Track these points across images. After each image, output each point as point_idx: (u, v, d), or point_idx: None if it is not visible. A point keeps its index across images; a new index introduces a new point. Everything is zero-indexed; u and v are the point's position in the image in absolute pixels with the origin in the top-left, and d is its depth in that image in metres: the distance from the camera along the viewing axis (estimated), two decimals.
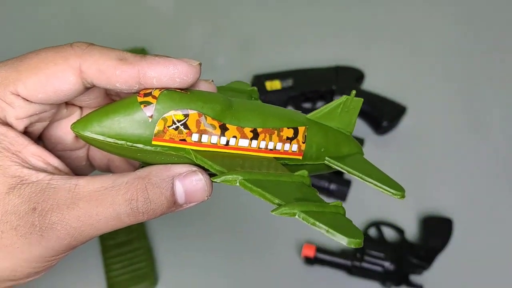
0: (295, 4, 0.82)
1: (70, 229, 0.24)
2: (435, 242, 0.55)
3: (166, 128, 0.24)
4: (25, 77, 0.24)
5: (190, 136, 0.25)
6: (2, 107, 0.25)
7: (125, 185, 0.24)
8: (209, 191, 0.26)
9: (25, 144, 0.25)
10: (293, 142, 0.28)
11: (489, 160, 0.65)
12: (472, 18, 0.81)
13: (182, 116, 0.24)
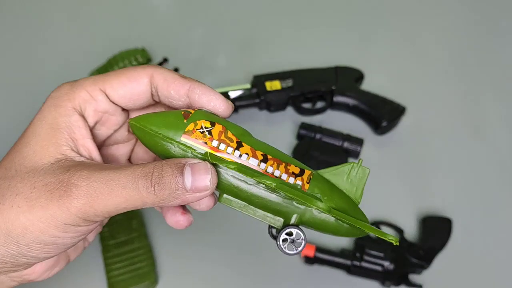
0: (295, 4, 0.82)
1: (91, 190, 0.27)
2: (434, 242, 0.56)
3: (194, 129, 0.30)
4: (112, 78, 0.31)
5: (211, 141, 0.30)
6: (86, 99, 0.31)
7: (146, 163, 0.28)
8: (213, 180, 0.29)
9: (85, 137, 0.31)
10: (298, 179, 0.30)
11: (489, 160, 0.65)
12: (472, 18, 0.81)
13: (209, 124, 0.30)
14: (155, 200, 0.28)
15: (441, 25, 0.80)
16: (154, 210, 0.59)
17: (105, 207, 0.28)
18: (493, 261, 0.56)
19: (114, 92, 0.31)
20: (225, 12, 0.81)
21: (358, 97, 0.66)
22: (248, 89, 0.67)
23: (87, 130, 0.31)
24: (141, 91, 0.32)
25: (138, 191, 0.27)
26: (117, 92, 0.31)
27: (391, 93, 0.67)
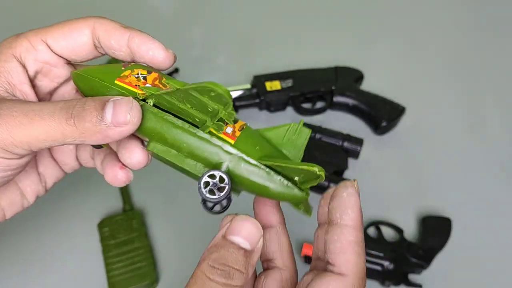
0: (295, 5, 0.82)
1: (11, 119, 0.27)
2: (434, 242, 0.56)
3: (130, 75, 0.30)
4: (54, 29, 0.31)
5: (144, 85, 0.30)
6: (27, 48, 0.31)
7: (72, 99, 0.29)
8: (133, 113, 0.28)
9: (23, 82, 0.31)
10: (229, 126, 0.29)
11: (488, 159, 0.65)
12: (472, 18, 0.81)
13: (146, 72, 0.31)
14: (74, 133, 0.27)
15: (441, 25, 0.80)
16: (154, 210, 0.59)
17: (24, 137, 0.27)
18: (492, 261, 0.57)
19: (56, 43, 0.32)
20: (225, 12, 0.81)
21: (358, 97, 0.66)
22: (248, 89, 0.67)
23: (25, 76, 0.31)
24: (82, 42, 0.32)
25: (57, 122, 0.27)
26: (59, 43, 0.32)
27: (391, 93, 0.67)
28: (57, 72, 0.33)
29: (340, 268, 0.27)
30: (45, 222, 0.58)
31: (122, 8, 0.81)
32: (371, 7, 0.82)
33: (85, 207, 0.59)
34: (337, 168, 0.60)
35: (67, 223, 0.58)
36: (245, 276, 0.27)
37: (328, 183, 0.58)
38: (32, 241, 0.56)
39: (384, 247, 0.54)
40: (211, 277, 0.27)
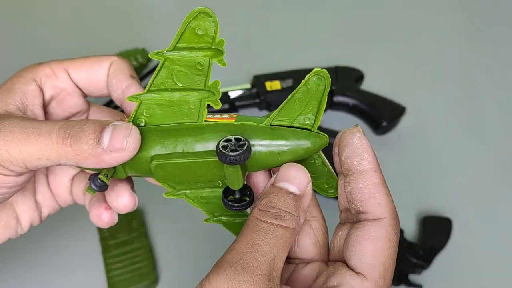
0: (295, 5, 0.82)
1: (9, 134, 0.27)
2: (434, 242, 0.56)
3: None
4: (77, 61, 0.33)
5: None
6: (48, 74, 0.32)
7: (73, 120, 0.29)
8: (131, 139, 0.27)
9: (36, 104, 0.32)
10: (224, 114, 0.31)
11: (489, 159, 0.65)
12: (472, 18, 0.81)
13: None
14: (69, 154, 0.27)
15: (441, 25, 0.80)
16: (154, 210, 0.59)
17: (19, 153, 0.27)
18: (493, 261, 0.56)
19: (76, 73, 0.33)
20: (225, 12, 0.81)
21: (358, 97, 0.66)
22: (248, 89, 0.67)
23: (40, 99, 0.32)
24: (101, 75, 0.33)
25: (53, 140, 0.27)
26: (79, 73, 0.33)
27: (391, 93, 0.67)
28: (71, 102, 0.34)
29: (375, 213, 0.28)
30: (44, 222, 0.58)
31: (122, 8, 0.81)
32: (372, 7, 0.82)
33: (84, 207, 0.59)
34: None
35: (67, 223, 0.58)
36: (296, 219, 0.27)
37: None
38: (32, 242, 0.56)
39: None
40: (262, 219, 0.27)
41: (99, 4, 0.81)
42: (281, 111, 0.30)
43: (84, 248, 0.56)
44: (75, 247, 0.56)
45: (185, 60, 0.28)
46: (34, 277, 0.54)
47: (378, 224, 0.27)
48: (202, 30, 0.27)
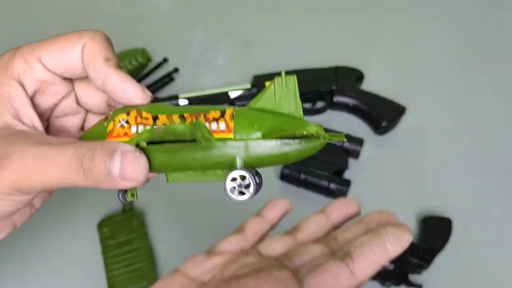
0: (295, 5, 0.82)
1: (24, 165, 0.27)
2: (434, 242, 0.56)
3: (114, 127, 0.30)
4: (48, 46, 0.31)
5: (130, 129, 0.30)
6: (24, 68, 0.31)
7: (82, 144, 0.28)
8: (140, 171, 0.28)
9: (26, 105, 0.31)
10: (220, 121, 0.29)
11: (488, 160, 0.65)
12: (472, 18, 0.81)
13: (125, 115, 0.30)
14: (85, 183, 0.28)
15: (441, 25, 0.80)
16: (154, 211, 0.59)
17: (38, 183, 0.28)
18: (493, 261, 0.56)
19: (49, 61, 0.31)
20: (225, 12, 0.81)
21: (358, 97, 0.66)
22: (248, 89, 0.67)
23: (27, 99, 0.31)
24: (75, 61, 0.31)
25: (67, 172, 0.27)
26: (52, 61, 0.31)
27: (391, 93, 0.67)
28: (55, 89, 0.33)
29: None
30: (45, 222, 0.58)
31: (123, 8, 0.81)
32: (372, 7, 0.82)
33: (84, 207, 0.59)
34: (337, 168, 0.60)
35: (67, 223, 0.58)
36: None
37: (328, 184, 0.58)
38: (32, 242, 0.56)
39: None
40: None
41: (99, 5, 0.81)
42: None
43: (83, 248, 0.56)
44: (75, 247, 0.56)
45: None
46: (34, 277, 0.54)
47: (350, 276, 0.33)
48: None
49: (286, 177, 0.60)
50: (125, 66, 0.68)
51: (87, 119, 0.36)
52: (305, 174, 0.59)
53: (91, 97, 0.34)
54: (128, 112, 0.30)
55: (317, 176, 0.59)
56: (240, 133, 0.28)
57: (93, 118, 0.36)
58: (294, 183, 0.60)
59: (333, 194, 0.59)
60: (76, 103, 0.35)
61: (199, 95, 0.66)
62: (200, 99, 0.66)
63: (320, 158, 0.61)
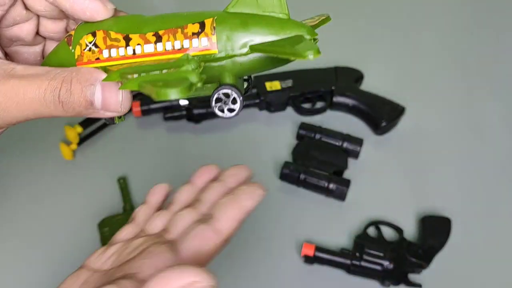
0: (295, 5, 0.82)
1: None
2: (433, 241, 0.56)
3: (82, 52, 0.28)
4: None
5: (101, 54, 0.27)
6: None
7: (55, 74, 0.26)
8: (125, 103, 0.27)
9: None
10: (201, 36, 0.26)
11: (488, 159, 0.65)
12: (472, 18, 0.82)
13: (91, 37, 0.28)
14: (64, 115, 0.27)
15: (441, 25, 0.81)
16: None
17: (14, 119, 0.27)
18: (492, 261, 0.57)
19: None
20: None
21: (357, 97, 0.66)
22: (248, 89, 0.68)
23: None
24: None
25: (45, 106, 0.26)
26: None
27: (390, 93, 0.67)
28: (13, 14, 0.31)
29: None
30: (45, 222, 0.58)
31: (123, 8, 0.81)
32: (371, 7, 0.83)
33: (85, 207, 0.59)
34: (337, 168, 0.60)
35: (68, 223, 0.58)
36: None
37: (328, 183, 0.58)
38: (33, 241, 0.57)
39: (384, 247, 0.54)
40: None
41: None
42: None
43: (84, 248, 0.56)
44: (76, 247, 0.56)
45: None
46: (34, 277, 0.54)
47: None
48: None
49: (286, 177, 0.60)
50: None
51: (46, 47, 0.34)
52: (305, 174, 0.59)
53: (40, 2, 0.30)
54: (94, 33, 0.28)
55: (317, 176, 0.59)
56: (225, 48, 0.26)
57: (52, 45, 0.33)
58: (294, 183, 0.60)
59: (333, 193, 0.59)
60: (25, 8, 0.31)
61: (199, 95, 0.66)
62: (199, 99, 0.66)
63: (319, 158, 0.61)
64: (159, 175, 0.62)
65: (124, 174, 0.62)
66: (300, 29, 0.27)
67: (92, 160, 0.63)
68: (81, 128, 0.64)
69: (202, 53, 0.26)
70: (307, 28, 0.27)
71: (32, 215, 0.59)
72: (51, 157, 0.63)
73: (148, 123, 0.67)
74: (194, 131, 0.66)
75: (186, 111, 0.65)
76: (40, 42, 0.34)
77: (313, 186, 0.59)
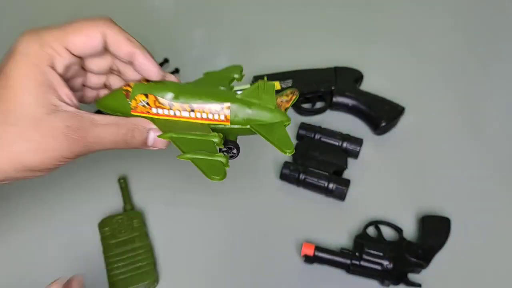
0: (295, 5, 0.83)
1: (86, 142, 0.37)
2: (433, 241, 0.56)
3: (137, 105, 0.40)
4: (71, 33, 0.38)
5: (151, 110, 0.40)
6: (54, 56, 0.37)
7: (124, 125, 0.39)
8: (165, 143, 0.40)
9: (62, 85, 0.38)
10: (220, 114, 0.40)
11: (487, 159, 0.65)
12: (470, 19, 0.82)
13: (144, 97, 0.40)
14: (125, 148, 0.40)
15: (440, 26, 0.81)
16: (155, 210, 0.59)
17: (96, 150, 0.39)
18: (492, 261, 0.57)
19: (76, 49, 0.39)
20: (225, 13, 0.81)
21: (357, 97, 0.67)
22: None
23: (62, 80, 0.38)
24: (98, 46, 0.39)
25: (116, 145, 0.39)
26: (79, 49, 0.39)
27: (390, 94, 0.68)
28: (78, 67, 0.41)
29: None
30: (46, 222, 0.58)
31: (123, 8, 0.81)
32: (371, 7, 0.83)
33: (85, 207, 0.59)
34: (336, 168, 0.61)
35: (69, 223, 0.58)
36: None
37: (328, 183, 0.59)
38: (34, 240, 0.57)
39: (383, 247, 0.55)
40: None
41: (99, 5, 0.81)
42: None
43: (84, 247, 0.56)
44: (76, 247, 0.56)
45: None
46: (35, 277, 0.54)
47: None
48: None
49: (286, 177, 0.60)
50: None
51: (88, 79, 0.43)
52: (305, 174, 0.59)
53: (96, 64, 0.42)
54: (146, 94, 0.40)
55: (316, 175, 0.59)
56: (234, 122, 0.40)
57: (93, 77, 0.43)
58: (294, 182, 0.60)
59: (333, 193, 0.59)
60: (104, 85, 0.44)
61: None
62: None
63: (319, 158, 0.61)
64: (160, 175, 0.62)
65: (125, 174, 0.62)
66: (282, 117, 0.40)
67: (93, 160, 0.63)
68: None
69: (219, 123, 0.40)
70: (285, 117, 0.40)
71: (32, 215, 0.59)
72: None
73: None
74: None
75: None
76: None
77: (312, 186, 0.59)
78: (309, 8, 0.82)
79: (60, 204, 0.59)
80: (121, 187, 0.60)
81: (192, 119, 0.40)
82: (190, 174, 0.61)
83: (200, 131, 0.39)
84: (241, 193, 0.61)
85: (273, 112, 0.40)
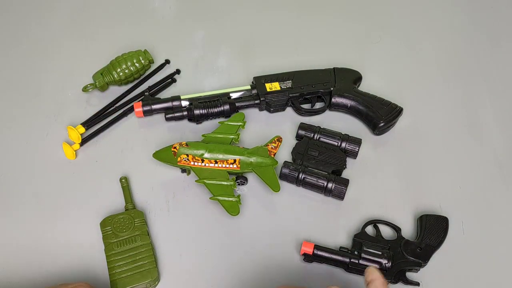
0: (295, 7, 0.83)
1: None
2: (431, 240, 0.56)
3: (181, 160, 0.60)
4: None
5: (190, 161, 0.60)
6: None
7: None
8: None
9: None
10: (234, 164, 0.60)
11: (485, 159, 0.65)
12: (469, 20, 0.82)
13: (185, 155, 0.60)
14: None
15: (439, 27, 0.81)
16: (156, 209, 0.60)
17: None
18: (489, 259, 0.57)
19: None
20: (225, 15, 0.82)
21: (356, 98, 0.67)
22: (248, 90, 0.68)
23: None
24: None
25: None
26: None
27: (389, 94, 0.68)
28: None
29: None
30: (47, 222, 0.59)
31: (124, 10, 0.81)
32: (370, 9, 0.83)
33: (87, 206, 0.59)
34: (335, 168, 0.61)
35: (69, 222, 0.58)
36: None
37: (327, 183, 0.59)
38: (35, 240, 0.57)
39: (382, 246, 0.55)
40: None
41: (101, 7, 0.82)
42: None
43: (86, 246, 0.56)
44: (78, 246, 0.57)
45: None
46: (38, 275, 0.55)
47: None
48: None
49: (286, 176, 0.61)
50: (128, 67, 0.69)
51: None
52: (304, 174, 0.60)
53: None
54: (188, 155, 0.59)
55: (316, 175, 0.60)
56: (242, 167, 0.60)
57: None
58: (294, 182, 0.61)
59: (332, 193, 0.59)
60: None
61: (200, 96, 0.67)
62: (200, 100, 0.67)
63: (318, 158, 0.61)
64: (161, 174, 0.63)
65: (126, 173, 0.62)
66: (272, 162, 0.60)
67: (94, 160, 0.64)
68: (83, 129, 0.64)
69: (233, 169, 0.60)
70: (274, 161, 0.61)
71: (35, 214, 0.59)
72: (54, 157, 0.63)
73: (149, 123, 0.68)
74: (195, 131, 0.67)
75: (187, 112, 0.66)
76: None
77: (312, 186, 0.60)
78: (309, 10, 0.83)
79: (62, 203, 0.60)
80: (123, 186, 0.60)
81: (216, 167, 0.60)
82: (190, 174, 0.62)
83: (221, 176, 0.59)
84: (241, 192, 0.62)
85: (266, 159, 0.60)
